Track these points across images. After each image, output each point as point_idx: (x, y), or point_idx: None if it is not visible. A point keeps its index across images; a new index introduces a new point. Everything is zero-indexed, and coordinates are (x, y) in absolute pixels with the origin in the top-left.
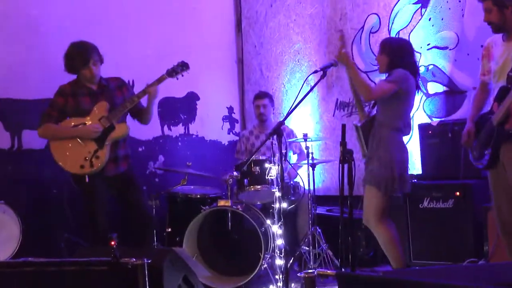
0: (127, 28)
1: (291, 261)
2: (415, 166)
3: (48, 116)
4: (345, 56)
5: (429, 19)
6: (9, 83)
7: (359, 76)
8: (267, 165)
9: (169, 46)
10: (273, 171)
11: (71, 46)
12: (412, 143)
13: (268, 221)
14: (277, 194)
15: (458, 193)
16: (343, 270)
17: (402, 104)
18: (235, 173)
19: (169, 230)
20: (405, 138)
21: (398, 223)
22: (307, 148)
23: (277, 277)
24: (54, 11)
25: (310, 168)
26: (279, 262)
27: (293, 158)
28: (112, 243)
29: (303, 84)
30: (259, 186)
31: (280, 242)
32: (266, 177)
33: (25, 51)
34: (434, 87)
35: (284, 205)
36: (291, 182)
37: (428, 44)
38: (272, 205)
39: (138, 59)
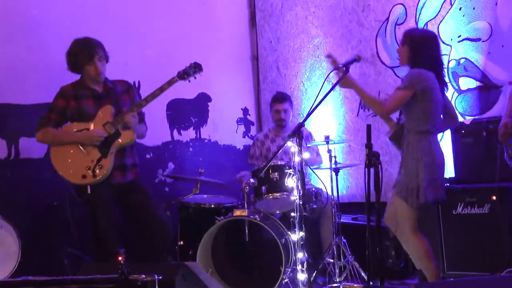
0: (131, 26)
1: (314, 274)
2: (447, 169)
3: (47, 119)
4: (347, 81)
5: (460, 9)
6: (5, 86)
7: (366, 95)
8: (286, 170)
9: (177, 44)
10: (292, 177)
11: (75, 42)
12: (444, 144)
13: (289, 232)
14: (298, 201)
15: (494, 197)
16: (371, 283)
17: (424, 104)
18: (251, 180)
19: (181, 243)
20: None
21: (430, 231)
22: (329, 151)
23: None
24: (53, 10)
25: (333, 173)
26: (301, 276)
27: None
28: (120, 258)
29: (324, 82)
30: (278, 194)
31: (301, 254)
32: (285, 184)
33: (22, 52)
34: (466, 83)
35: (306, 213)
36: (313, 189)
37: (459, 36)
38: (293, 214)
39: (144, 59)
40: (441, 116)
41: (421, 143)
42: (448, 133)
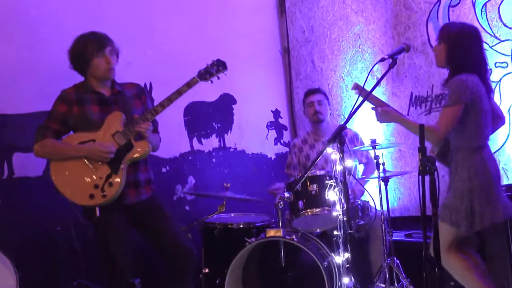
0: (139, 19)
1: None
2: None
3: (46, 129)
4: (386, 114)
5: None
6: None
7: (413, 124)
8: (326, 181)
9: (193, 38)
10: (334, 189)
11: (80, 36)
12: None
13: (332, 254)
14: (342, 218)
15: None
16: None
17: (476, 117)
18: (286, 194)
19: (206, 270)
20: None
21: (497, 251)
22: (376, 157)
23: None
24: (53, 11)
25: (382, 183)
26: None
27: (359, 169)
28: None
29: (367, 77)
30: (317, 209)
31: (348, 279)
32: (326, 198)
33: (15, 54)
34: None
35: (351, 231)
36: (359, 202)
37: None
38: (336, 233)
39: (155, 58)
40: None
41: (473, 161)
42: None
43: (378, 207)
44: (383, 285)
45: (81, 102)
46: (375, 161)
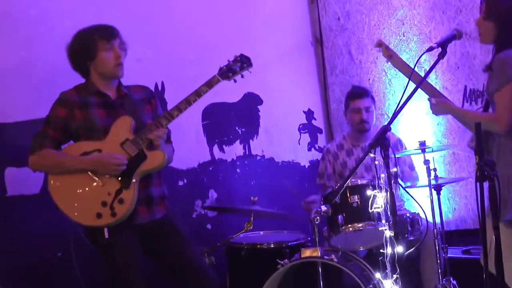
0: (146, 8)
1: None
2: None
3: (44, 137)
4: (442, 105)
5: None
6: None
7: (472, 114)
8: (369, 192)
9: (211, 31)
10: (379, 200)
11: (82, 29)
12: None
13: (378, 275)
14: (388, 233)
15: None
16: None
17: None
18: (323, 208)
19: None
20: None
21: None
22: (426, 162)
23: None
24: (50, 9)
25: (434, 192)
26: None
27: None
28: None
29: (413, 68)
30: (360, 224)
31: None
32: (370, 210)
33: (9, 55)
34: None
35: (400, 249)
36: (408, 215)
37: None
38: (382, 251)
39: (169, 53)
40: None
41: None
42: None
43: (430, 220)
44: None
45: (84, 105)
46: (424, 167)
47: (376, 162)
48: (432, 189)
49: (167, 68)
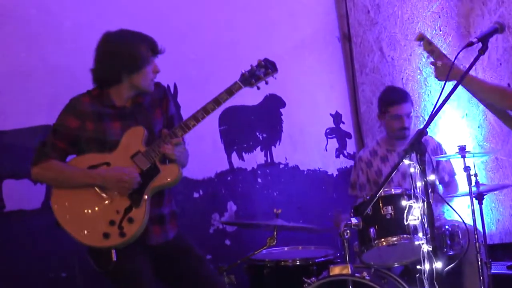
0: (162, 5)
1: None
2: None
3: (51, 148)
4: (449, 69)
5: None
6: None
7: (486, 86)
8: (404, 202)
9: (230, 26)
10: (415, 211)
11: (126, 34)
12: None
13: None
14: (426, 248)
15: None
16: None
17: None
18: (354, 220)
19: None
20: None
21: None
22: (467, 169)
23: None
24: (50, 10)
25: (475, 201)
26: None
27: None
28: None
29: (451, 66)
30: (394, 238)
31: None
32: (405, 222)
33: (9, 57)
34: None
35: (439, 264)
36: (447, 227)
37: None
38: (419, 267)
39: (181, 53)
40: None
41: None
42: None
43: (472, 232)
44: None
45: (99, 117)
46: (464, 174)
47: (412, 170)
48: (474, 198)
49: (180, 70)
